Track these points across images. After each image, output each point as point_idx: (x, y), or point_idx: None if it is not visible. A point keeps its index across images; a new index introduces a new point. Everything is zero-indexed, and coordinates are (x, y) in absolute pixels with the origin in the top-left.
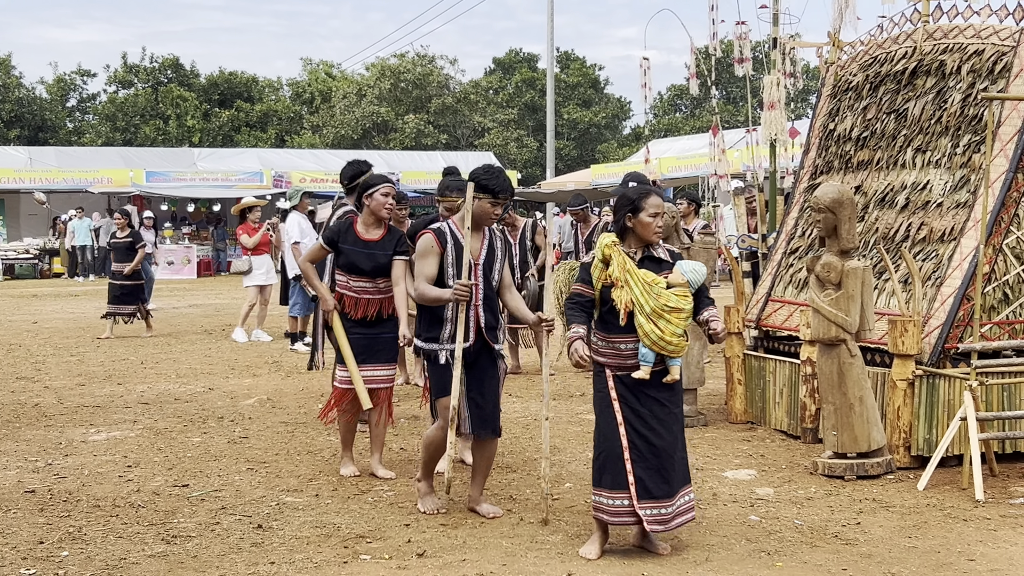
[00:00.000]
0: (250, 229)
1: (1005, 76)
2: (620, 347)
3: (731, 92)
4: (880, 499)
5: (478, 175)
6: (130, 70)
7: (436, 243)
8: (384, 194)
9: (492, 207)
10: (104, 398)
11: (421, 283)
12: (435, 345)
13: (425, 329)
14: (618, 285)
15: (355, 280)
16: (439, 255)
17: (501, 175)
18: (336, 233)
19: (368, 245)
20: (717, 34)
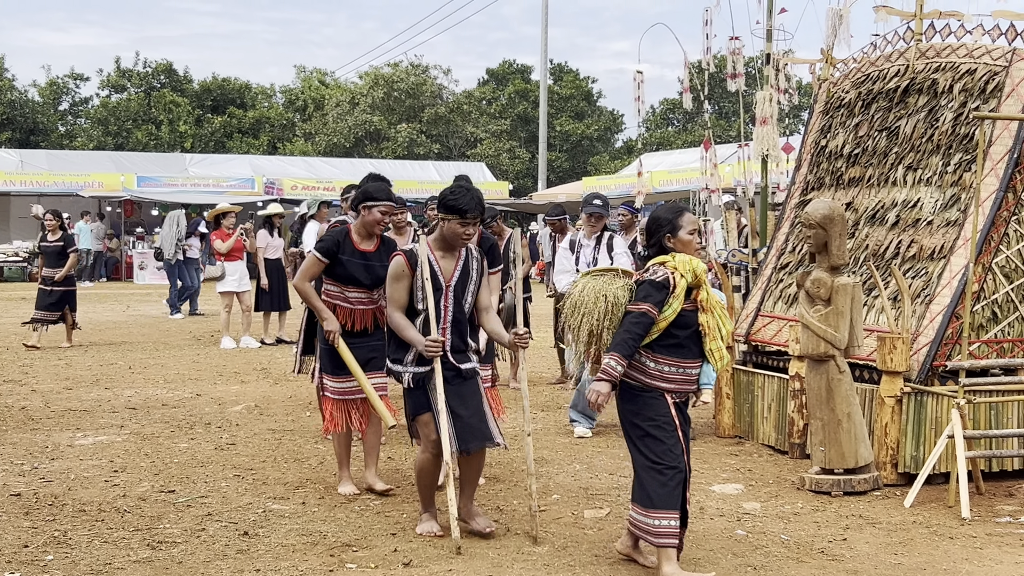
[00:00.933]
0: (224, 235)
1: (997, 96)
2: (691, 372)
3: (724, 107)
4: (867, 515)
5: (444, 196)
6: (123, 74)
7: (407, 266)
8: (382, 212)
9: (462, 228)
10: (91, 402)
11: (394, 312)
12: (399, 367)
13: (392, 350)
14: (706, 310)
15: (351, 291)
16: (410, 279)
17: (468, 194)
18: (334, 244)
19: (366, 256)
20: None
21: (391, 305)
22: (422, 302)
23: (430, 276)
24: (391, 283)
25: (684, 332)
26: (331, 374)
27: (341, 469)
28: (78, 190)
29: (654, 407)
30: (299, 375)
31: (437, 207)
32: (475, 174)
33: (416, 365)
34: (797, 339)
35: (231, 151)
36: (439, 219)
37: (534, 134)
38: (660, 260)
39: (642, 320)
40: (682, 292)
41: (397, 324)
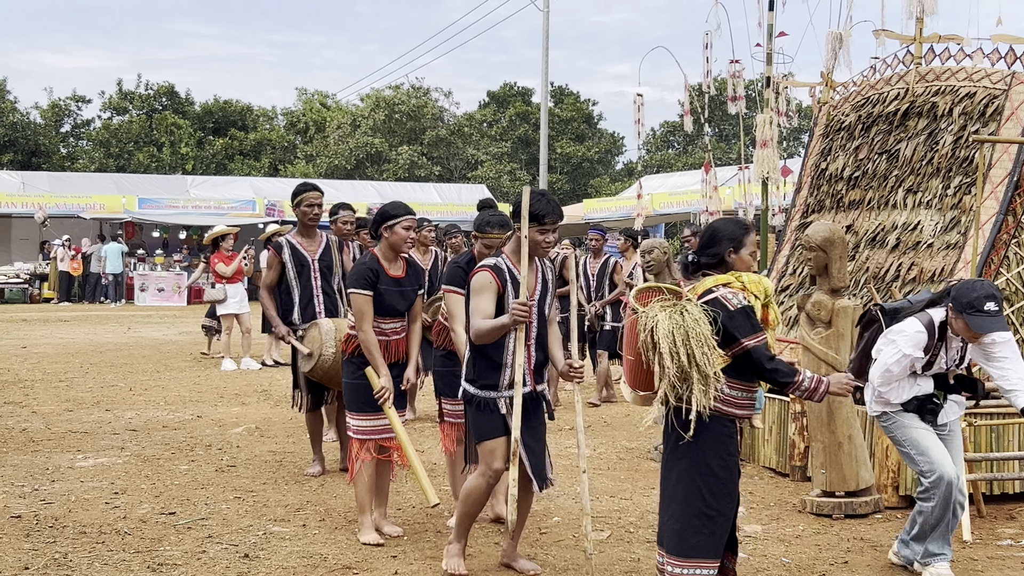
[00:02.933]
0: (224, 258)
1: (996, 119)
2: (753, 396)
3: (724, 130)
4: (868, 538)
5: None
6: (125, 97)
7: (495, 279)
8: (406, 227)
9: (542, 235)
10: (92, 424)
11: (476, 319)
12: (493, 393)
13: (480, 374)
14: (773, 327)
15: (388, 322)
16: (497, 293)
17: (544, 199)
18: (372, 274)
19: (399, 282)
20: (711, 72)
21: (475, 316)
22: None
23: (516, 288)
24: (475, 296)
25: None
26: (356, 411)
27: (363, 515)
28: (80, 212)
29: (727, 444)
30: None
31: (514, 216)
32: (476, 196)
33: (511, 388)
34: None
35: (232, 173)
36: (517, 229)
37: (535, 156)
38: (724, 280)
39: (766, 350)
40: (758, 314)
41: (481, 327)
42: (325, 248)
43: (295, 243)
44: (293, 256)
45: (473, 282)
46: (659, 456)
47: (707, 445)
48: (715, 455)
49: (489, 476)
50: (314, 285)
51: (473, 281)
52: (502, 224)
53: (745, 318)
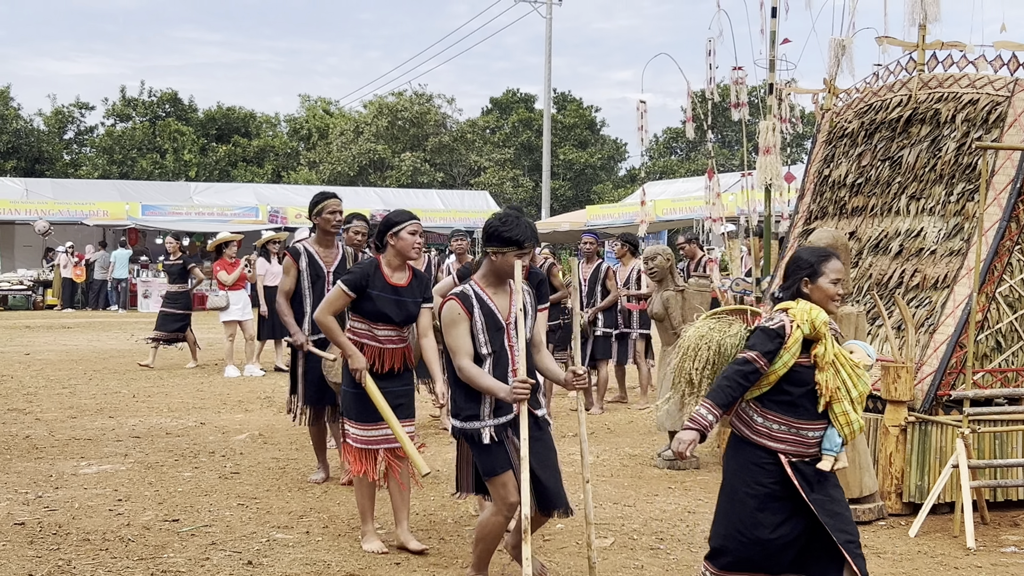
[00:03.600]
0: (227, 265)
1: (999, 126)
2: (808, 435)
3: (727, 136)
4: (871, 545)
5: (495, 227)
6: (128, 103)
7: (463, 309)
8: (411, 232)
9: (519, 260)
10: (95, 431)
11: (464, 362)
12: (476, 423)
13: (462, 406)
14: (823, 367)
15: (380, 328)
16: (468, 322)
17: (520, 223)
18: (363, 277)
19: (398, 291)
20: (714, 79)
21: (457, 355)
22: (485, 346)
23: (487, 316)
24: (448, 331)
25: (798, 390)
26: (356, 420)
27: (364, 523)
28: (83, 219)
29: (756, 474)
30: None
31: (488, 240)
32: (479, 202)
33: (494, 416)
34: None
35: (236, 180)
36: (490, 253)
37: (537, 162)
38: (783, 306)
39: (744, 368)
40: (795, 344)
41: (469, 374)
42: (341, 260)
43: (312, 252)
44: (310, 265)
45: (443, 316)
46: (662, 463)
47: (739, 468)
48: (743, 481)
49: (505, 512)
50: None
51: (443, 314)
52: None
53: (760, 335)
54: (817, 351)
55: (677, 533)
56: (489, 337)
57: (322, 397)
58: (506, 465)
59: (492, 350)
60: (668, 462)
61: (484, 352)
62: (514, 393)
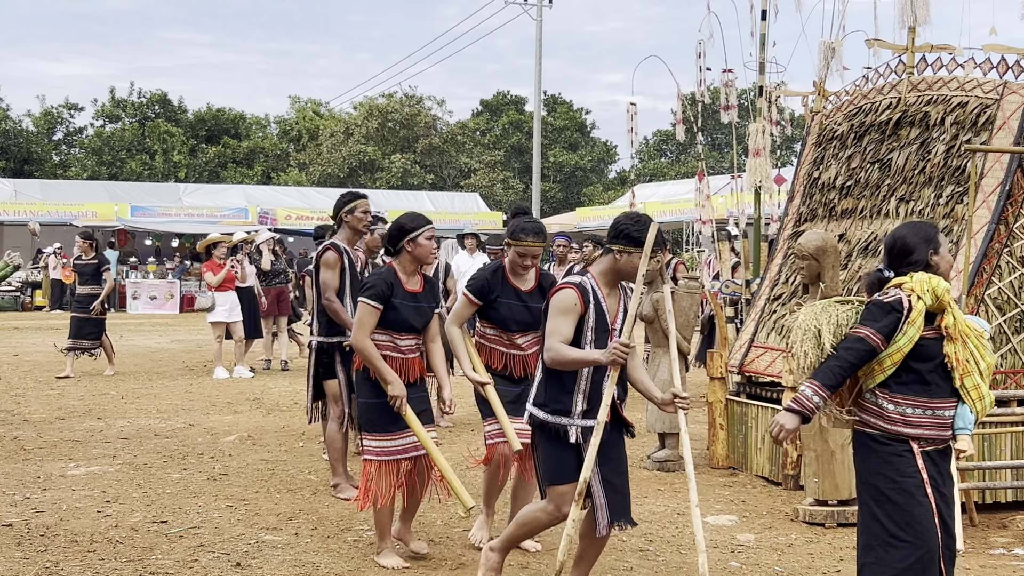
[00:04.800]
0: (215, 266)
1: (988, 128)
2: (944, 414)
3: (716, 139)
4: None
5: (626, 226)
6: (117, 104)
7: (580, 300)
8: (428, 238)
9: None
10: (84, 432)
11: (556, 343)
12: (564, 419)
13: (552, 398)
14: (953, 338)
15: (404, 338)
16: (580, 316)
17: (652, 224)
18: (386, 287)
19: (416, 297)
20: (704, 81)
21: (552, 338)
22: (590, 345)
23: (599, 315)
24: (556, 316)
25: (927, 365)
26: (378, 432)
27: (382, 540)
28: (72, 220)
29: (897, 464)
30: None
31: (615, 237)
32: (469, 205)
33: (584, 417)
34: (791, 370)
35: (225, 181)
36: (616, 251)
37: (528, 165)
38: (896, 282)
39: (856, 346)
40: (919, 317)
41: (560, 351)
42: (364, 262)
43: (349, 250)
44: (349, 264)
45: (556, 300)
46: (652, 464)
47: (874, 467)
48: (884, 477)
49: (555, 517)
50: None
51: (556, 299)
52: (537, 232)
53: (873, 310)
54: (946, 321)
55: (666, 535)
56: (596, 337)
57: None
58: (571, 476)
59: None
60: (658, 464)
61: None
62: (613, 353)
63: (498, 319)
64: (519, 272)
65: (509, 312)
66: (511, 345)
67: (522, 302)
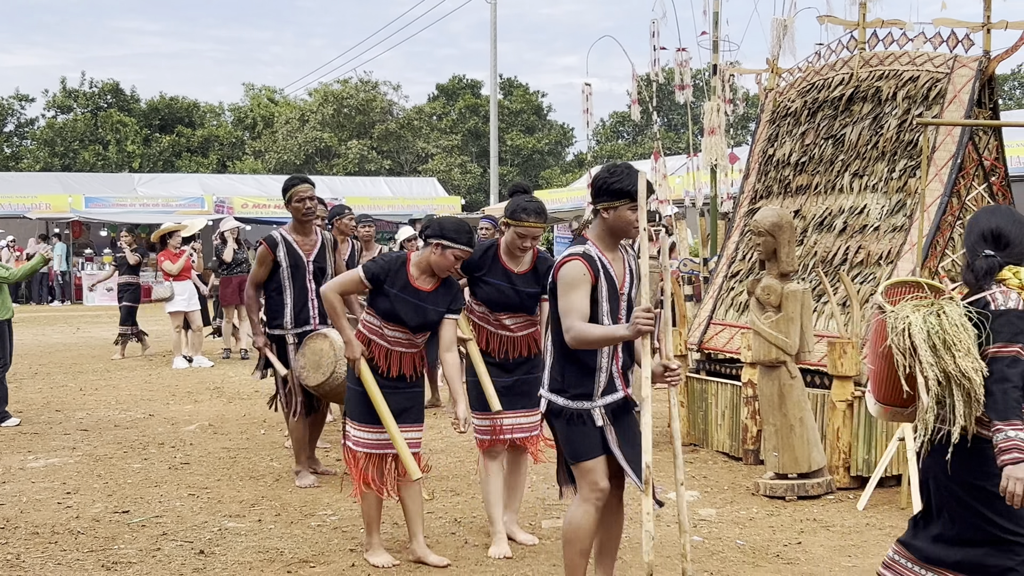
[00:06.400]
0: (171, 255)
1: (939, 102)
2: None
3: (672, 120)
4: (820, 519)
5: (605, 179)
6: (69, 95)
7: (588, 271)
8: (457, 257)
9: (633, 213)
10: (42, 425)
11: (576, 322)
12: (587, 403)
13: (572, 383)
14: None
15: (391, 328)
16: (591, 285)
17: (630, 170)
18: (384, 271)
19: (419, 295)
20: (658, 61)
21: (570, 316)
22: (608, 316)
23: (609, 282)
24: (568, 292)
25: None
26: (361, 421)
27: (369, 535)
28: (25, 212)
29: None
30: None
31: (597, 195)
32: (427, 189)
33: (605, 395)
34: (749, 346)
35: (180, 170)
36: (602, 210)
37: (485, 149)
38: (1002, 277)
39: (1018, 367)
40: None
41: (582, 330)
42: (320, 248)
43: (290, 240)
44: (288, 254)
45: (564, 274)
46: None
47: (977, 472)
48: (992, 478)
49: (595, 498)
50: (308, 288)
51: (564, 273)
52: (539, 212)
53: (1016, 321)
54: None
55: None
56: (611, 307)
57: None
58: (599, 450)
59: (612, 321)
60: None
61: (606, 322)
62: (637, 324)
63: (484, 298)
64: (516, 253)
65: (496, 293)
66: (498, 325)
67: (511, 284)
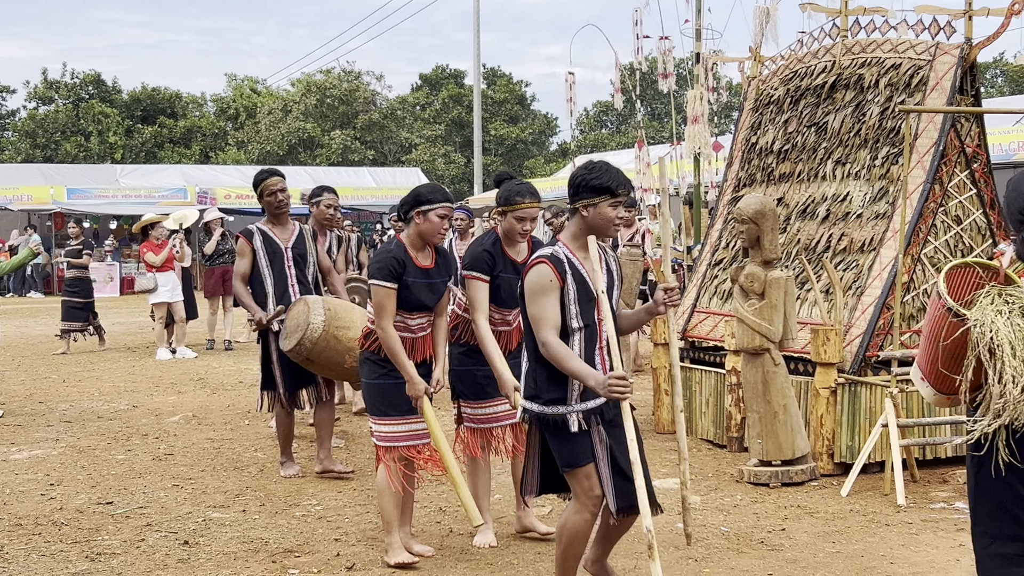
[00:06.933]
0: (154, 247)
1: (921, 89)
2: None
3: (656, 108)
4: (804, 506)
5: (582, 176)
6: (51, 86)
7: (555, 274)
8: (441, 215)
9: (614, 210)
10: (25, 417)
11: (551, 337)
12: (561, 408)
13: (544, 388)
14: None
15: (415, 318)
16: (559, 290)
17: (609, 167)
18: (397, 264)
19: (428, 274)
20: (641, 49)
21: (542, 328)
22: (577, 318)
23: (579, 284)
24: (537, 300)
25: None
26: (377, 414)
27: (390, 534)
28: (7, 204)
29: None
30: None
31: (576, 193)
32: (411, 180)
33: (581, 401)
34: (732, 334)
35: (162, 161)
36: (580, 208)
37: (469, 138)
38: None
39: None
40: None
41: (556, 353)
42: (298, 236)
43: (266, 230)
44: (265, 244)
45: (530, 281)
46: None
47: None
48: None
49: (592, 505)
50: (288, 274)
51: (530, 280)
52: (532, 192)
53: None
54: None
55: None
56: (581, 309)
57: (300, 380)
58: (590, 456)
59: (583, 323)
60: None
61: (575, 326)
62: (610, 389)
63: (497, 296)
64: (517, 239)
65: (509, 287)
66: (502, 322)
67: (519, 275)
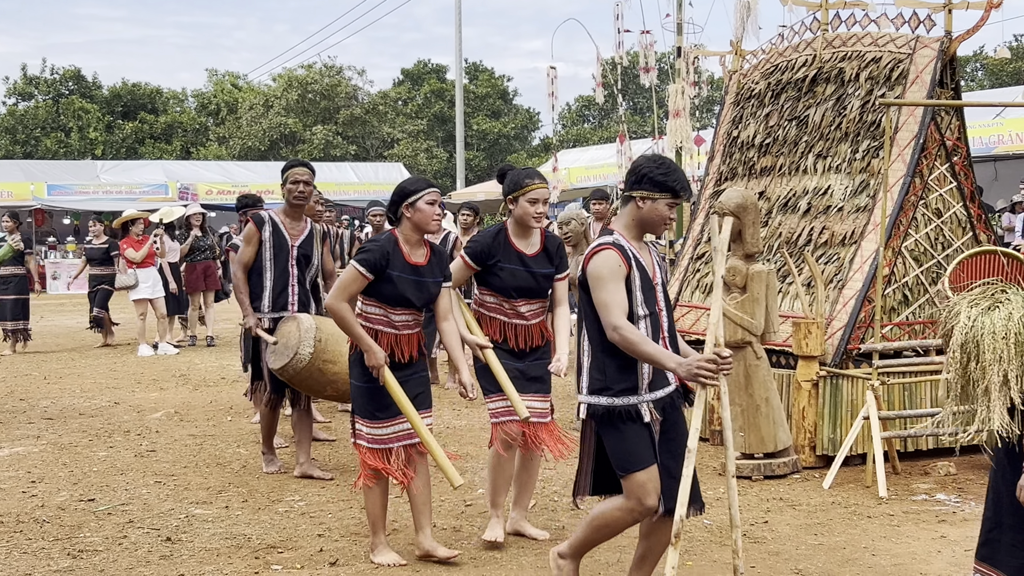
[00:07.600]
0: (134, 243)
1: (902, 83)
2: None
3: (638, 103)
4: (787, 498)
5: (649, 170)
6: (30, 82)
7: (623, 260)
8: (430, 202)
9: (669, 210)
10: (6, 414)
11: (623, 320)
12: (633, 398)
13: (614, 378)
14: None
15: (398, 313)
16: (626, 276)
17: (679, 168)
18: (381, 256)
19: (418, 271)
20: (623, 43)
21: (611, 313)
22: (642, 306)
23: (641, 272)
24: (605, 284)
25: None
26: (368, 418)
27: (375, 534)
28: None
29: None
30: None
31: (635, 184)
32: (393, 175)
33: (651, 391)
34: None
35: (143, 157)
36: (637, 198)
37: (451, 133)
38: None
39: None
40: None
41: (630, 336)
42: (308, 235)
43: (277, 222)
44: (273, 236)
45: (597, 265)
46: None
47: None
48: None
49: (637, 515)
50: (290, 273)
51: (597, 264)
52: (538, 173)
53: None
54: None
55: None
56: (644, 296)
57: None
58: (651, 457)
59: (648, 311)
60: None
61: (641, 313)
62: (698, 370)
63: (499, 286)
64: (531, 225)
65: (512, 278)
66: (513, 314)
67: (526, 267)
